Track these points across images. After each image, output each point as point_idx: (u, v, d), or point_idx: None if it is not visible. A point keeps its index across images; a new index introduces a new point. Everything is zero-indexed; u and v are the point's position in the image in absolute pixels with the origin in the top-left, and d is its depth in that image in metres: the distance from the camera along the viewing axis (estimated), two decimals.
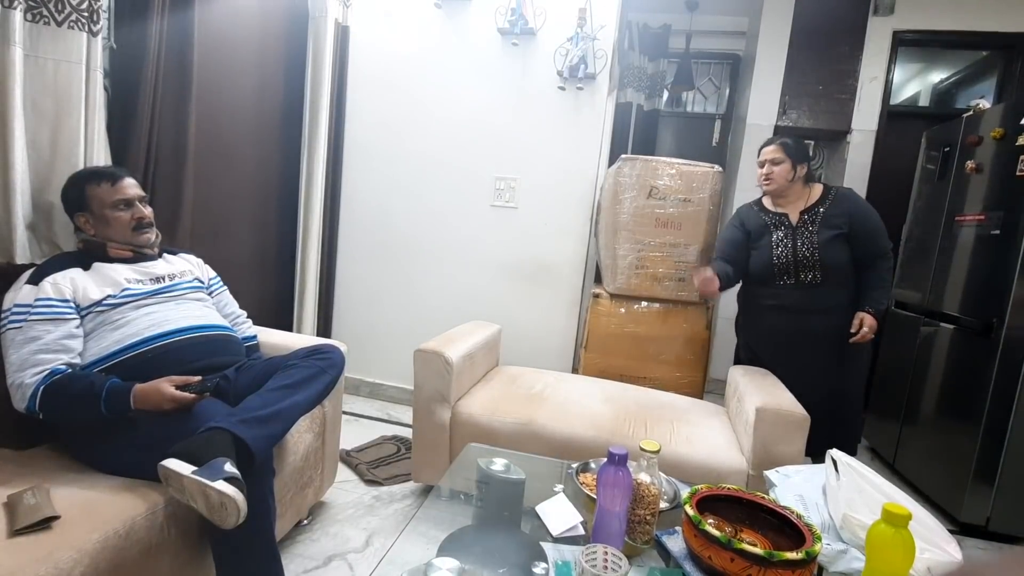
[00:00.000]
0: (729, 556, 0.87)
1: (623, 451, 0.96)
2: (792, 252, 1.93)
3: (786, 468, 1.27)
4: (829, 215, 1.91)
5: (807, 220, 1.94)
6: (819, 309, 1.93)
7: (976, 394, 1.99)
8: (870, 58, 3.08)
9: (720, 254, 2.11)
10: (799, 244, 1.92)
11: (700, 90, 3.85)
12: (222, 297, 1.61)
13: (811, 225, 1.92)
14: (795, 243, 1.93)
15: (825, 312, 1.93)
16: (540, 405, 1.78)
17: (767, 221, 2.01)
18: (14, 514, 0.91)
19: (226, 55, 2.04)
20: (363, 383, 2.80)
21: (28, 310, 1.17)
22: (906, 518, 0.83)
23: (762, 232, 2.01)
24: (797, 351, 1.97)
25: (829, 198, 1.95)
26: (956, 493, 2.03)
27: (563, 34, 2.39)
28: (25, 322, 1.16)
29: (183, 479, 0.98)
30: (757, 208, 2.07)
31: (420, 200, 2.65)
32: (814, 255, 1.90)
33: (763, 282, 2.02)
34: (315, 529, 1.66)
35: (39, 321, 1.16)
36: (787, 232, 1.96)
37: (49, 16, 1.38)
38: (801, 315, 1.95)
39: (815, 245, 1.90)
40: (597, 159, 2.49)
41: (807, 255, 1.91)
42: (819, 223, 1.92)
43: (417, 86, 2.60)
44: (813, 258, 1.90)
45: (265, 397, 1.20)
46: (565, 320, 2.58)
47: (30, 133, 1.38)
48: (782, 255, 1.95)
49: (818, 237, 1.90)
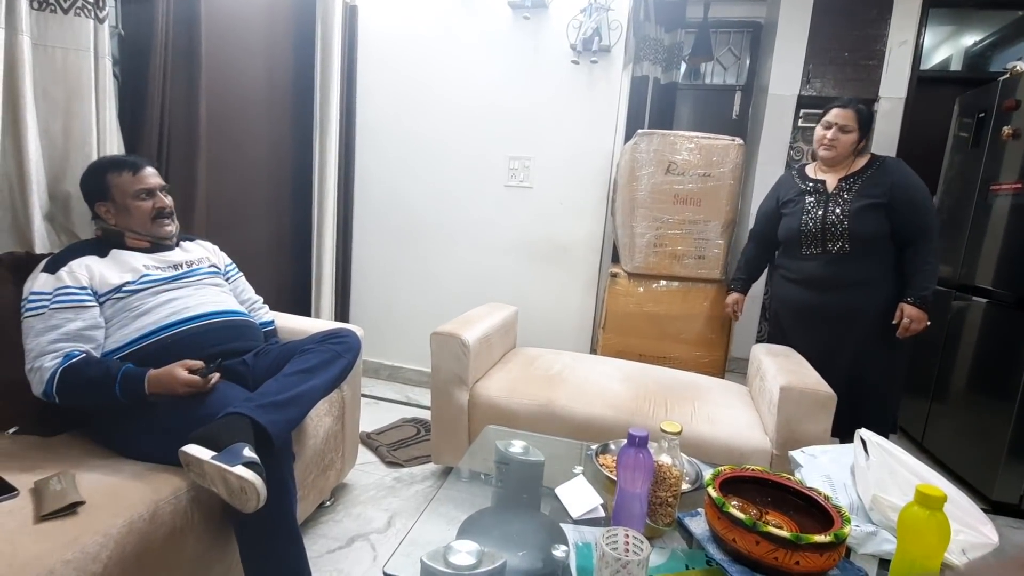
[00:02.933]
0: (754, 539, 0.85)
1: (644, 433, 0.94)
2: (821, 219, 1.83)
3: (812, 448, 1.24)
4: (868, 183, 1.80)
5: (844, 187, 1.83)
6: (846, 283, 1.83)
7: (1010, 369, 1.92)
8: (899, 21, 2.94)
9: (754, 228, 2.14)
10: (829, 211, 1.82)
11: (719, 61, 3.72)
12: (238, 283, 1.61)
13: (846, 193, 1.82)
14: (825, 210, 1.83)
15: (853, 287, 1.83)
16: (558, 386, 1.76)
17: (802, 188, 1.92)
18: (41, 500, 0.93)
19: (234, 38, 2.02)
20: (382, 366, 2.82)
21: (48, 298, 1.17)
22: (941, 500, 0.79)
23: (795, 198, 1.92)
24: (821, 328, 1.89)
25: (873, 167, 1.83)
26: (988, 471, 1.98)
27: (576, 6, 2.32)
28: (46, 310, 1.17)
29: (203, 464, 0.99)
30: (797, 174, 1.98)
31: (434, 182, 2.63)
32: (843, 223, 1.79)
33: (789, 252, 1.95)
34: (338, 510, 1.68)
35: (60, 309, 1.17)
36: (820, 198, 1.86)
37: (56, 4, 1.37)
38: (827, 290, 1.87)
39: (845, 213, 1.79)
40: (613, 135, 2.43)
41: (835, 223, 1.81)
42: (855, 191, 1.81)
43: (427, 65, 2.55)
44: (842, 227, 1.80)
45: (282, 382, 1.20)
46: (582, 300, 2.55)
47: (42, 123, 1.38)
48: (809, 222, 1.85)
49: (851, 205, 1.79)
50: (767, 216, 2.06)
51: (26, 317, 1.17)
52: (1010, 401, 1.91)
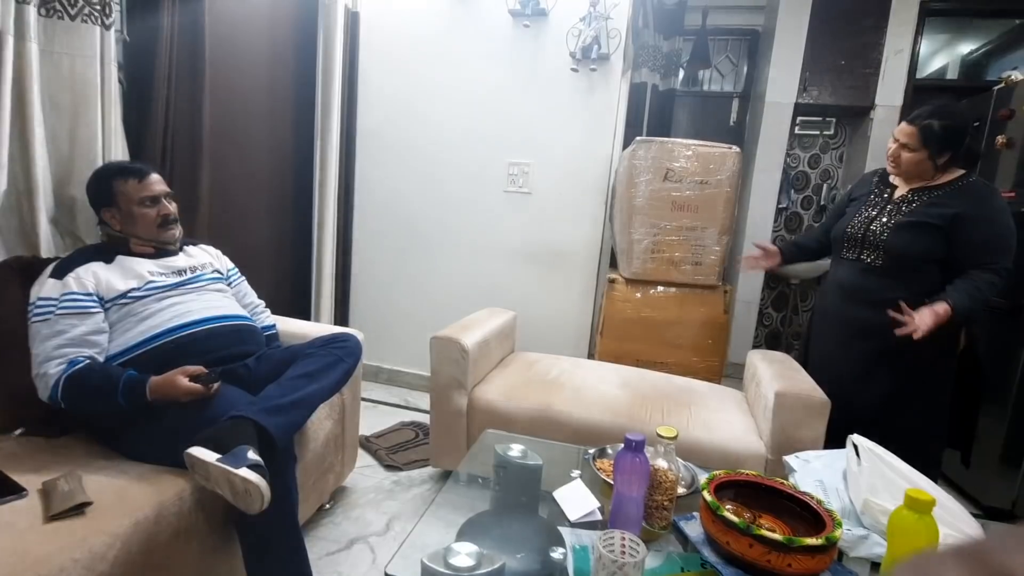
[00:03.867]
0: (748, 542, 0.87)
1: (640, 437, 0.96)
2: (866, 224, 1.66)
3: (806, 453, 1.26)
4: (933, 202, 1.57)
5: (909, 199, 1.63)
6: (869, 300, 1.64)
7: (1004, 375, 1.94)
8: (895, 30, 2.97)
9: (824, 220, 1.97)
10: (878, 218, 1.65)
11: (717, 68, 3.75)
12: (241, 287, 1.63)
13: (907, 205, 1.62)
14: (877, 216, 1.66)
15: (875, 305, 1.60)
16: (557, 391, 1.78)
17: (873, 189, 1.74)
18: (49, 500, 0.94)
19: (237, 45, 2.04)
20: (381, 370, 2.83)
21: (55, 304, 1.19)
22: (930, 504, 0.82)
23: (861, 197, 1.76)
24: (832, 339, 1.76)
25: (950, 188, 1.57)
26: (981, 476, 2.00)
27: (575, 14, 2.34)
28: (52, 315, 1.18)
29: (208, 466, 1.00)
30: (878, 175, 1.77)
31: (433, 187, 2.65)
32: (883, 234, 1.61)
33: (835, 252, 1.81)
34: (337, 513, 1.70)
35: (65, 315, 1.19)
36: (880, 204, 1.68)
37: (63, 10, 1.39)
38: (847, 300, 1.71)
39: (890, 225, 1.61)
40: (611, 142, 2.45)
41: (877, 231, 1.63)
42: (916, 206, 1.60)
43: (428, 71, 2.57)
44: (880, 237, 1.62)
45: (285, 386, 1.22)
46: (581, 305, 2.57)
47: (49, 128, 1.41)
48: (856, 223, 1.70)
49: (900, 219, 1.60)
50: (834, 210, 1.91)
51: (33, 322, 1.19)
52: (1003, 406, 1.93)
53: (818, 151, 3.54)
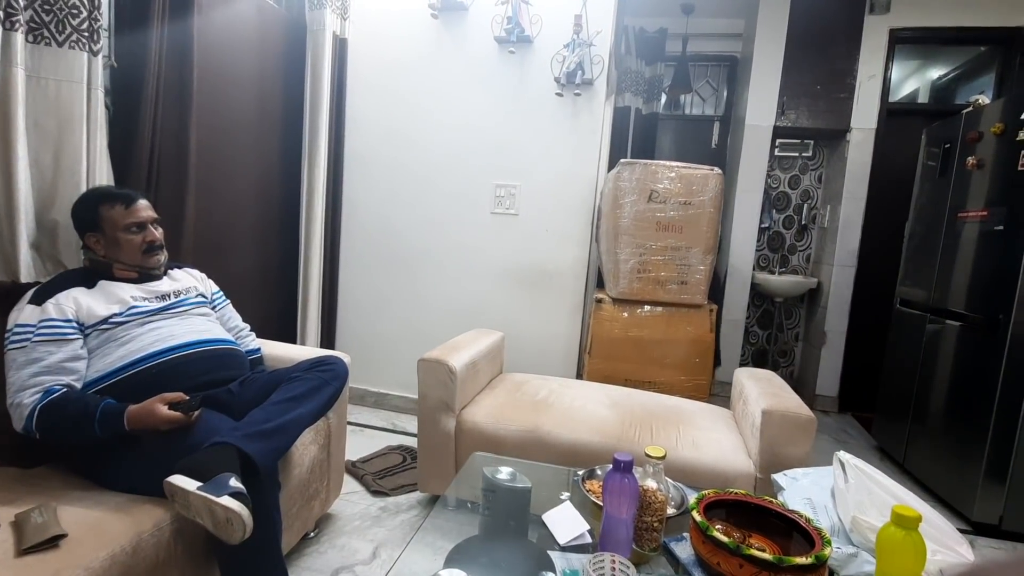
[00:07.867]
0: (738, 562, 0.87)
1: (628, 457, 0.95)
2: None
3: (794, 471, 1.26)
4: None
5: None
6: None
7: (985, 390, 1.97)
8: (867, 56, 3.08)
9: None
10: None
11: (698, 92, 3.85)
12: (225, 311, 1.61)
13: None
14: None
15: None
16: (545, 412, 1.77)
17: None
18: (22, 533, 0.91)
19: (225, 71, 2.06)
20: (368, 393, 2.80)
21: (31, 331, 1.17)
22: (916, 520, 0.82)
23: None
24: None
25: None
26: (968, 492, 2.01)
27: (559, 41, 2.40)
28: (29, 343, 1.16)
29: (189, 495, 0.98)
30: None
31: (421, 209, 2.66)
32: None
33: None
34: (322, 541, 1.66)
35: (42, 342, 1.16)
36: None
37: (51, 37, 1.39)
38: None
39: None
40: (597, 164, 2.49)
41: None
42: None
43: (416, 97, 2.61)
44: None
45: (269, 411, 1.20)
46: (568, 326, 2.58)
47: (33, 153, 1.40)
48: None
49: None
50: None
51: (9, 350, 1.16)
52: (985, 421, 1.95)
53: (798, 172, 3.63)
